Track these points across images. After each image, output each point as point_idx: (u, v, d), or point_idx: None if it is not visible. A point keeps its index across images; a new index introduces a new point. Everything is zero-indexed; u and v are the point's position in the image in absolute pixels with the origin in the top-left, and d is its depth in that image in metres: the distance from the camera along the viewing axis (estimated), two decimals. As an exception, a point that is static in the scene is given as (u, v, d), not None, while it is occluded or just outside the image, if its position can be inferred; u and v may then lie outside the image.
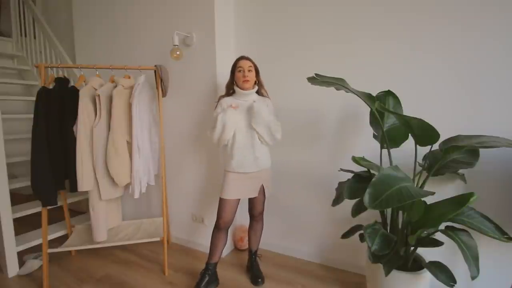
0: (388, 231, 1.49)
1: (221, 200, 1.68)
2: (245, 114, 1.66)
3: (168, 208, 2.36)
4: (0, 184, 1.88)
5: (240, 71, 1.64)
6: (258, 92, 1.75)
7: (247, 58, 1.68)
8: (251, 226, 1.89)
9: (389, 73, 1.71)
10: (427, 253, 1.46)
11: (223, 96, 1.73)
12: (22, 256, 2.02)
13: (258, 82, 1.73)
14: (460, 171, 1.50)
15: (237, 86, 1.69)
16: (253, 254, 1.93)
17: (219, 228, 1.70)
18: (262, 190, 1.75)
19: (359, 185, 1.46)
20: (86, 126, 1.78)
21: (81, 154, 1.77)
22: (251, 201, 1.80)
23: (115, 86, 1.86)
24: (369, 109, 1.54)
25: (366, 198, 1.10)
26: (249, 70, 1.64)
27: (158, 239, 1.99)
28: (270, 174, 1.81)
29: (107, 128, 1.84)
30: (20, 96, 3.17)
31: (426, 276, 1.33)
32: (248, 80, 1.63)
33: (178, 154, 2.29)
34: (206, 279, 1.71)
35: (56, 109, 1.79)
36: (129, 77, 1.95)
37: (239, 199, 1.71)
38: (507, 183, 1.47)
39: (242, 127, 1.65)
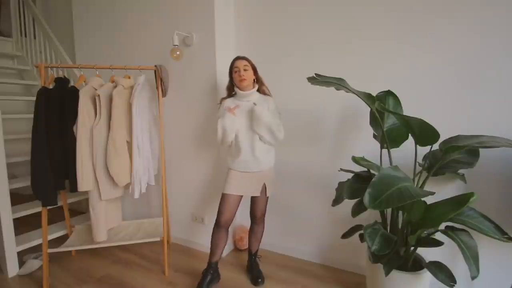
0: (388, 231, 1.49)
1: (223, 196, 1.69)
2: (245, 115, 1.66)
3: (168, 208, 2.36)
4: (0, 184, 1.88)
5: (236, 71, 1.64)
6: (260, 90, 1.74)
7: (242, 58, 1.67)
8: (251, 229, 1.88)
9: (389, 73, 1.71)
10: (427, 253, 1.46)
11: (224, 98, 1.73)
12: (22, 256, 2.02)
13: (257, 80, 1.71)
14: (460, 171, 1.50)
15: (237, 87, 1.69)
16: (253, 255, 1.92)
17: (219, 225, 1.70)
18: (264, 190, 1.74)
19: (359, 185, 1.46)
20: (86, 126, 1.78)
21: (81, 154, 1.76)
22: (253, 201, 1.80)
23: (115, 86, 1.86)
24: (369, 109, 1.54)
25: (366, 198, 1.10)
26: (245, 69, 1.63)
27: (158, 239, 1.99)
28: (273, 174, 1.80)
29: (107, 128, 1.83)
30: (20, 96, 3.17)
31: (426, 276, 1.33)
32: (245, 79, 1.62)
33: (178, 154, 2.29)
34: (209, 278, 1.72)
35: (56, 109, 1.78)
36: (129, 77, 1.94)
37: (240, 198, 1.71)
38: (507, 183, 1.47)
39: (242, 129, 1.65)
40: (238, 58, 1.68)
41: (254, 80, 1.69)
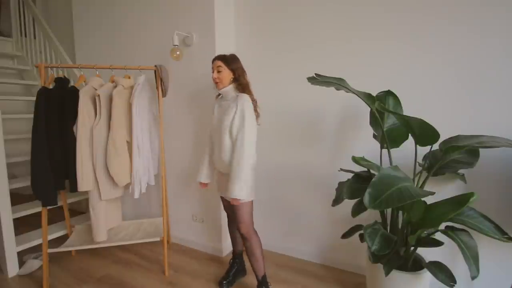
0: (388, 231, 1.49)
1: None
2: (220, 113, 1.60)
3: (168, 208, 2.36)
4: (0, 184, 1.88)
5: (213, 72, 1.59)
6: (239, 89, 1.59)
7: (217, 58, 1.58)
8: (244, 246, 1.64)
9: (389, 73, 1.71)
10: (427, 253, 1.47)
11: (217, 97, 1.72)
12: (22, 256, 2.02)
13: (234, 79, 1.58)
14: (460, 171, 1.50)
15: None
16: (261, 283, 1.64)
17: (228, 220, 1.81)
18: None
19: (359, 185, 1.46)
20: (86, 126, 1.78)
21: (81, 154, 1.76)
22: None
23: (115, 86, 1.86)
24: (369, 109, 1.54)
25: (366, 198, 1.10)
26: (218, 71, 1.55)
27: (158, 239, 1.98)
28: None
29: (107, 128, 1.83)
30: (20, 96, 3.17)
31: (426, 276, 1.33)
32: (217, 82, 1.57)
33: (178, 154, 2.29)
34: (234, 268, 1.84)
35: (56, 109, 1.78)
36: (129, 77, 1.94)
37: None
38: (507, 183, 1.47)
39: (215, 127, 1.62)
40: (214, 58, 1.59)
41: (233, 78, 1.58)
